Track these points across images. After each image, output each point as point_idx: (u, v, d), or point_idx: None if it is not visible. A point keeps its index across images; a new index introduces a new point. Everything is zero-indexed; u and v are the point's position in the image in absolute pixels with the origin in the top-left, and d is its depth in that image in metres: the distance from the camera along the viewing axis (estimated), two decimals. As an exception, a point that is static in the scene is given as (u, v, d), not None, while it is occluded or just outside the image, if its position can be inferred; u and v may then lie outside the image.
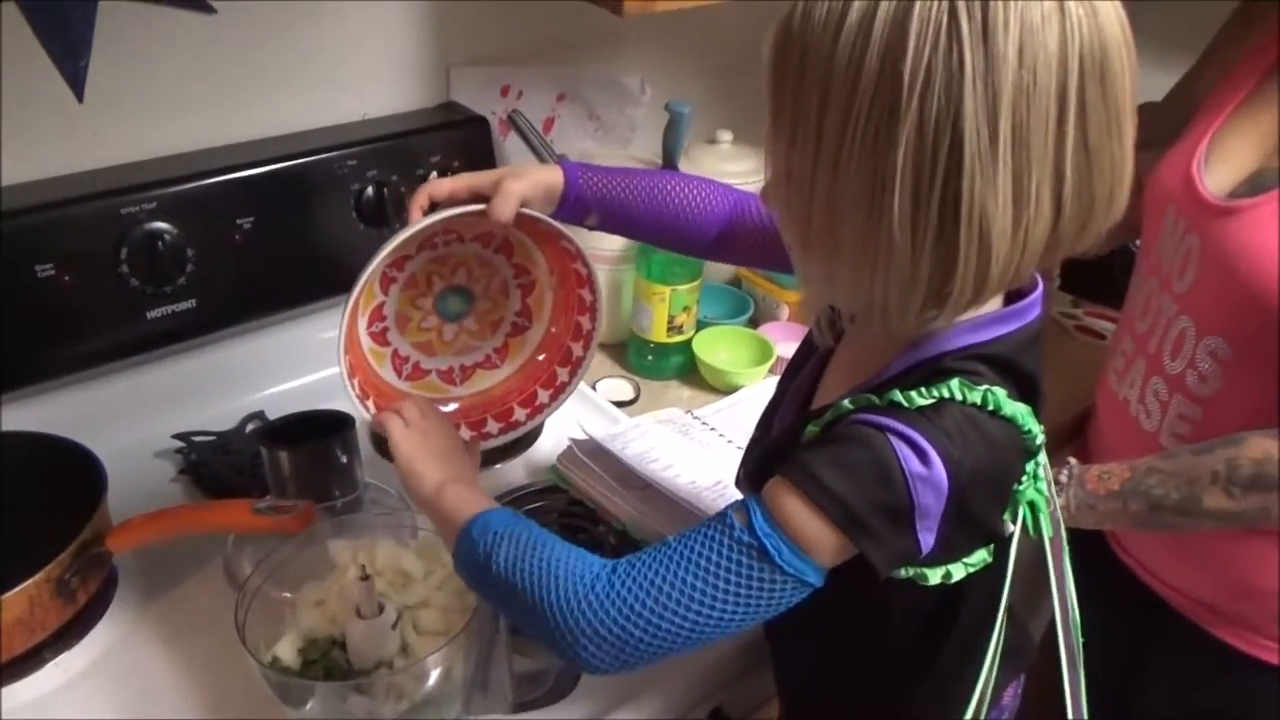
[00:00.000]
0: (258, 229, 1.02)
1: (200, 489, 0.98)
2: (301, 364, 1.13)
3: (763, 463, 0.66)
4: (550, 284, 0.91)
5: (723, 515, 0.60)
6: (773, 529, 0.57)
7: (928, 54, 0.48)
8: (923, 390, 0.56)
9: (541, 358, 0.93)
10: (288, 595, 0.76)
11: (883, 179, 0.50)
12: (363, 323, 0.87)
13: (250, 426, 1.05)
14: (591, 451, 0.99)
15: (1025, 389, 0.59)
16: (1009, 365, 0.59)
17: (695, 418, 1.11)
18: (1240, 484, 0.75)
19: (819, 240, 0.55)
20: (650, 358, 1.21)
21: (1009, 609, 0.64)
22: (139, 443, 1.01)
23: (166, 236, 0.96)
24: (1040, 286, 0.63)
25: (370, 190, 1.08)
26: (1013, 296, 0.61)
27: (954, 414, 0.56)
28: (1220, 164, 0.81)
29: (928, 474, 0.54)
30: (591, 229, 0.85)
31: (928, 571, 0.62)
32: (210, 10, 0.85)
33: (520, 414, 0.92)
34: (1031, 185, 0.50)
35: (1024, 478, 0.61)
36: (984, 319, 0.59)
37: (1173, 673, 0.94)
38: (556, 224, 0.82)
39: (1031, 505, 0.62)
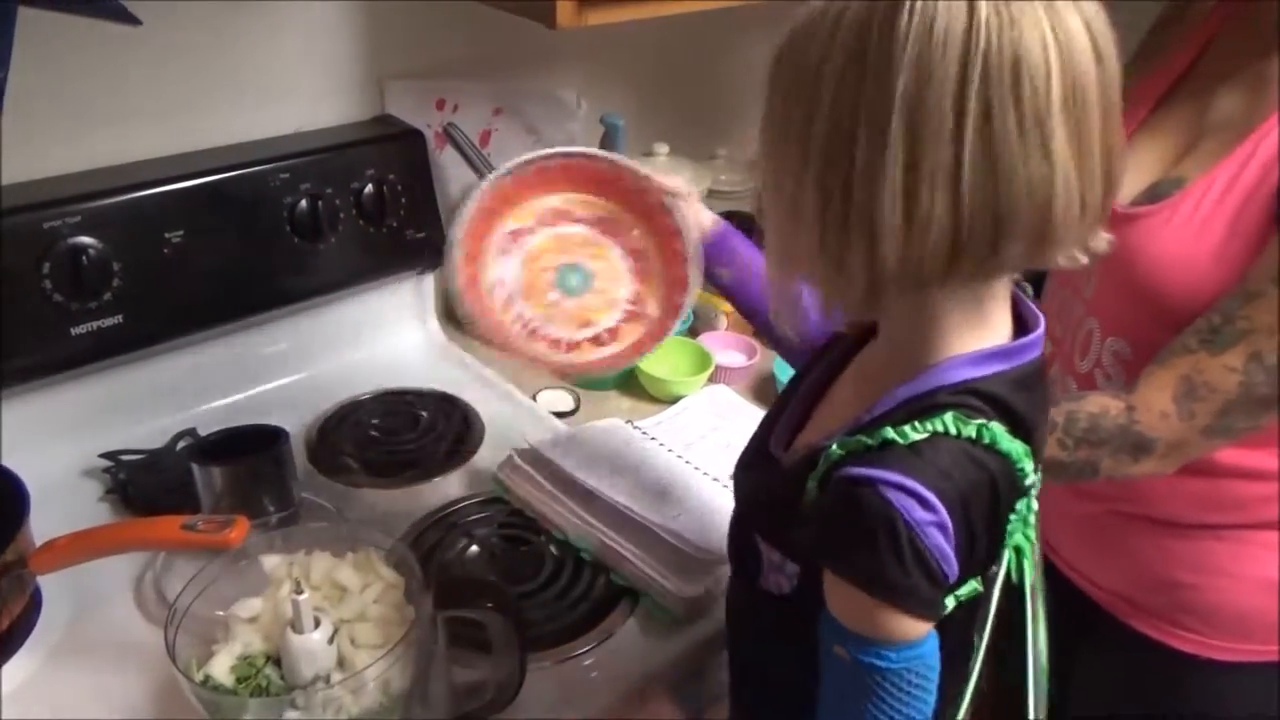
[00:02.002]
0: (187, 243, 1.00)
1: (129, 508, 0.96)
2: (235, 380, 1.11)
3: (766, 505, 0.68)
4: (659, 269, 0.90)
5: (829, 656, 0.58)
6: (862, 643, 0.56)
7: (841, 54, 0.51)
8: (916, 425, 0.55)
9: (640, 337, 0.90)
10: (221, 613, 0.75)
11: (799, 172, 0.53)
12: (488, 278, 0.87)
13: (182, 444, 1.03)
14: (533, 460, 0.99)
15: (1018, 429, 0.57)
16: (1001, 403, 0.57)
17: (637, 427, 1.12)
18: (1074, 436, 0.78)
19: (771, 234, 0.59)
20: (590, 368, 1.22)
21: (993, 650, 0.62)
22: (65, 462, 0.99)
23: (91, 251, 0.94)
24: (1042, 327, 0.61)
25: (304, 204, 1.07)
26: (1018, 334, 0.61)
27: (949, 449, 0.55)
28: (1129, 173, 0.85)
29: (933, 518, 0.53)
30: (716, 283, 0.87)
31: None
32: (135, 22, 0.84)
33: None
34: (923, 183, 0.50)
35: (1014, 517, 0.59)
36: (981, 354, 0.59)
37: (1098, 668, 0.97)
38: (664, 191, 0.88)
39: (1017, 550, 0.60)
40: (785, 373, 1.20)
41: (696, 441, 1.10)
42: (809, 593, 0.60)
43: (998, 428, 0.56)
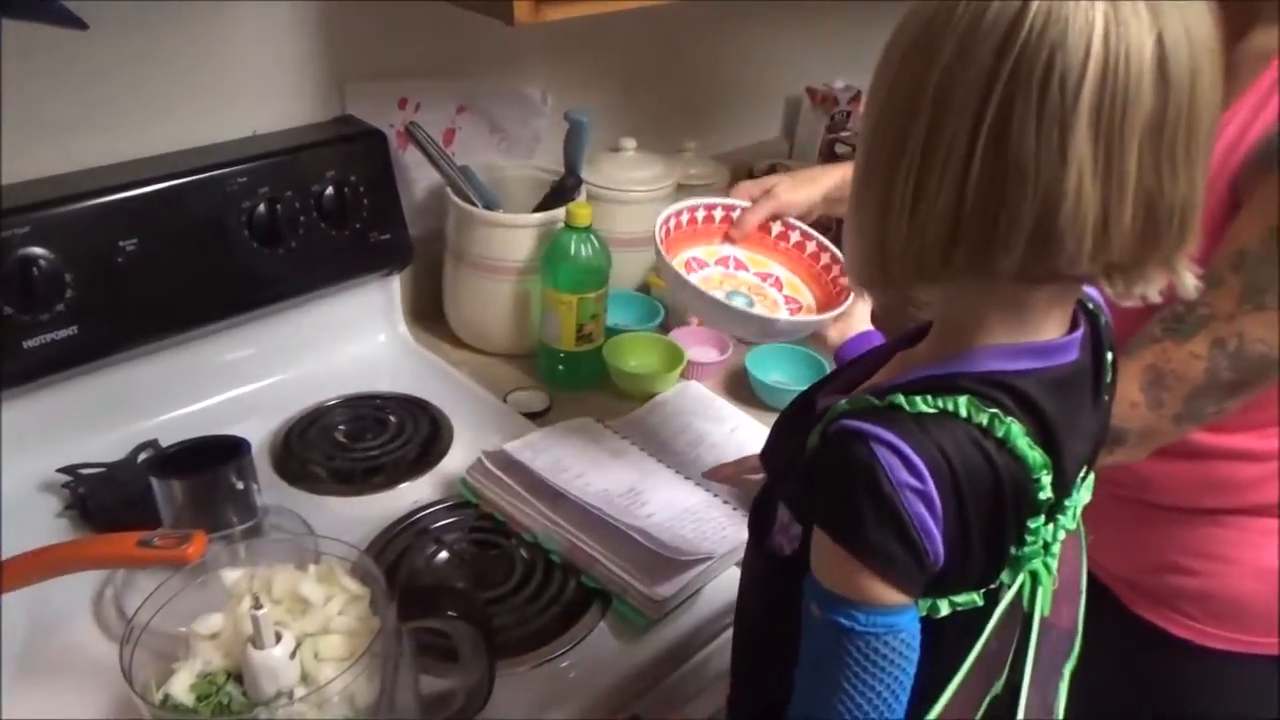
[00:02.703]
0: (142, 251, 0.98)
1: (89, 524, 0.94)
2: (197, 388, 1.09)
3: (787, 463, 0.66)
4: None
5: (807, 615, 0.58)
6: (834, 601, 0.55)
7: (914, 31, 0.52)
8: (928, 399, 0.54)
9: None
10: (181, 630, 0.73)
11: (864, 136, 0.56)
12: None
13: (142, 456, 1.01)
14: (502, 463, 0.98)
15: (1044, 435, 0.55)
16: (1029, 402, 0.55)
17: (608, 427, 1.11)
18: None
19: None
20: (561, 367, 1.20)
21: (983, 676, 0.60)
22: (21, 477, 0.96)
23: (42, 262, 0.92)
24: (1081, 330, 0.60)
25: (262, 207, 1.05)
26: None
27: (955, 430, 0.53)
28: None
29: (916, 484, 0.52)
30: None
31: (920, 601, 0.57)
32: (82, 26, 0.82)
33: None
34: (934, 167, 0.51)
35: (1030, 537, 0.57)
36: (1014, 348, 0.57)
37: (1100, 652, 0.97)
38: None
39: (1034, 576, 0.58)
40: (758, 368, 1.20)
41: (669, 440, 1.10)
42: (806, 555, 0.59)
43: (1016, 427, 0.54)
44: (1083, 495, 0.64)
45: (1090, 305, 0.64)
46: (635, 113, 1.47)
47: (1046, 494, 0.55)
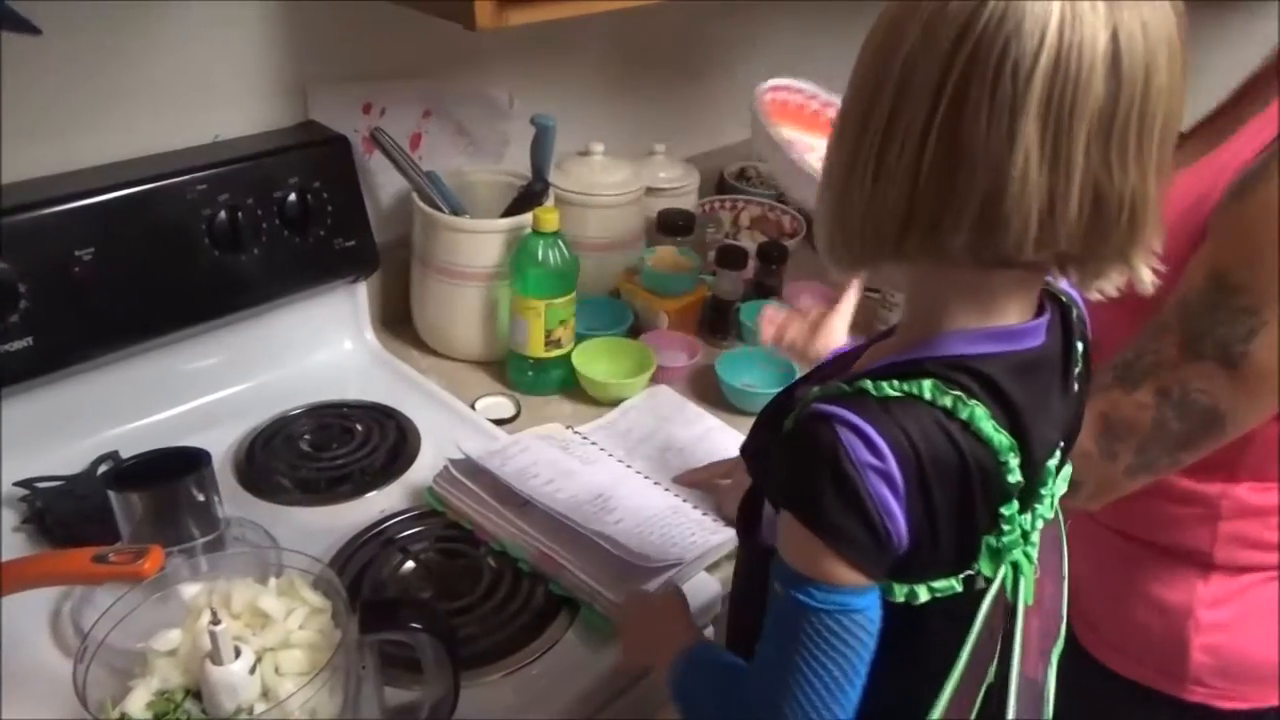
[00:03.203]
0: (100, 260, 0.96)
1: (47, 538, 0.92)
2: (158, 399, 1.08)
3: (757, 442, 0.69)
4: None
5: (770, 593, 0.59)
6: (795, 578, 0.57)
7: (890, 15, 0.54)
8: (894, 383, 0.55)
9: None
10: (139, 647, 0.72)
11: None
12: None
13: (102, 468, 0.99)
14: (469, 471, 0.97)
15: (1010, 419, 0.56)
16: (993, 386, 0.56)
17: (576, 433, 1.10)
18: None
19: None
20: (530, 373, 1.20)
21: (976, 671, 0.60)
22: (-24, 493, 0.94)
23: (-4, 272, 0.90)
24: (1047, 315, 0.60)
25: (224, 215, 1.03)
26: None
27: (920, 414, 0.54)
28: None
29: (878, 464, 0.53)
30: None
31: (897, 587, 0.58)
32: (35, 31, 0.81)
33: None
34: (894, 143, 0.53)
35: (1007, 526, 0.57)
36: (979, 332, 0.58)
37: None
38: None
39: (1015, 566, 0.58)
40: (728, 371, 1.19)
41: (637, 445, 1.09)
42: None
43: (980, 410, 0.55)
44: (1059, 486, 0.64)
45: (1064, 298, 0.64)
46: (603, 116, 1.46)
47: (1015, 477, 0.56)
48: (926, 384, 0.55)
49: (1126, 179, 0.52)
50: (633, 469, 1.04)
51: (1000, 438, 0.55)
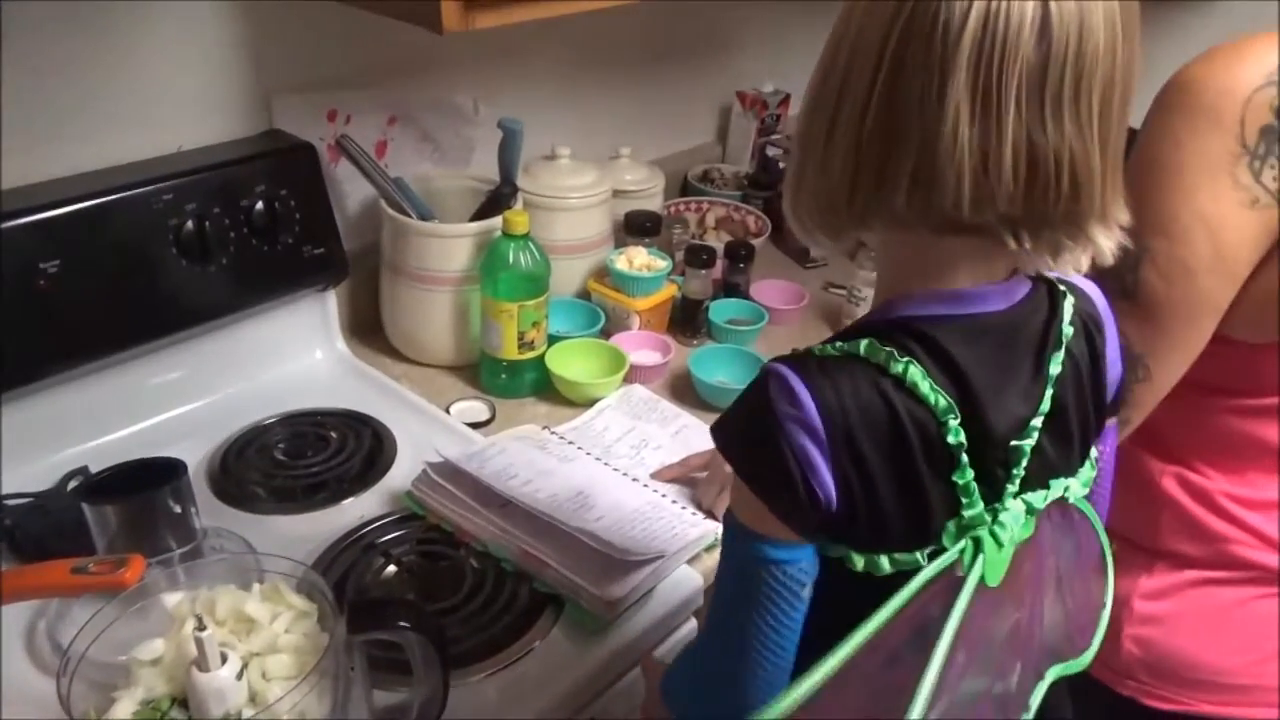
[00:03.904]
0: (65, 273, 0.95)
1: (17, 556, 0.90)
2: (128, 412, 1.06)
3: None
4: None
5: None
6: (730, 522, 0.61)
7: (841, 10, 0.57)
8: (837, 344, 0.58)
9: None
10: (121, 658, 0.71)
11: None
12: None
13: (72, 483, 0.98)
14: (448, 473, 0.97)
15: (956, 381, 0.56)
16: (934, 344, 0.57)
17: (553, 433, 1.11)
18: None
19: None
20: (504, 376, 1.20)
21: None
22: (-57, 513, 0.92)
23: (-42, 286, 0.88)
24: (1015, 286, 0.60)
25: (190, 224, 1.02)
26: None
27: (855, 372, 0.56)
28: None
29: (797, 415, 0.55)
30: None
31: (855, 555, 0.59)
32: (-8, 41, 0.80)
33: None
34: (844, 107, 0.55)
35: (966, 499, 0.57)
36: (923, 295, 0.59)
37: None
38: None
39: (977, 542, 0.58)
40: (701, 369, 1.21)
41: (614, 444, 1.10)
42: None
43: (915, 369, 0.56)
44: (1070, 484, 0.63)
45: (1062, 287, 0.64)
46: (567, 120, 1.47)
47: (955, 438, 0.56)
48: (863, 343, 0.57)
49: (1063, 138, 0.53)
50: (610, 467, 1.05)
51: (938, 397, 0.56)
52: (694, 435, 1.13)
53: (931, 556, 0.59)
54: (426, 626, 0.72)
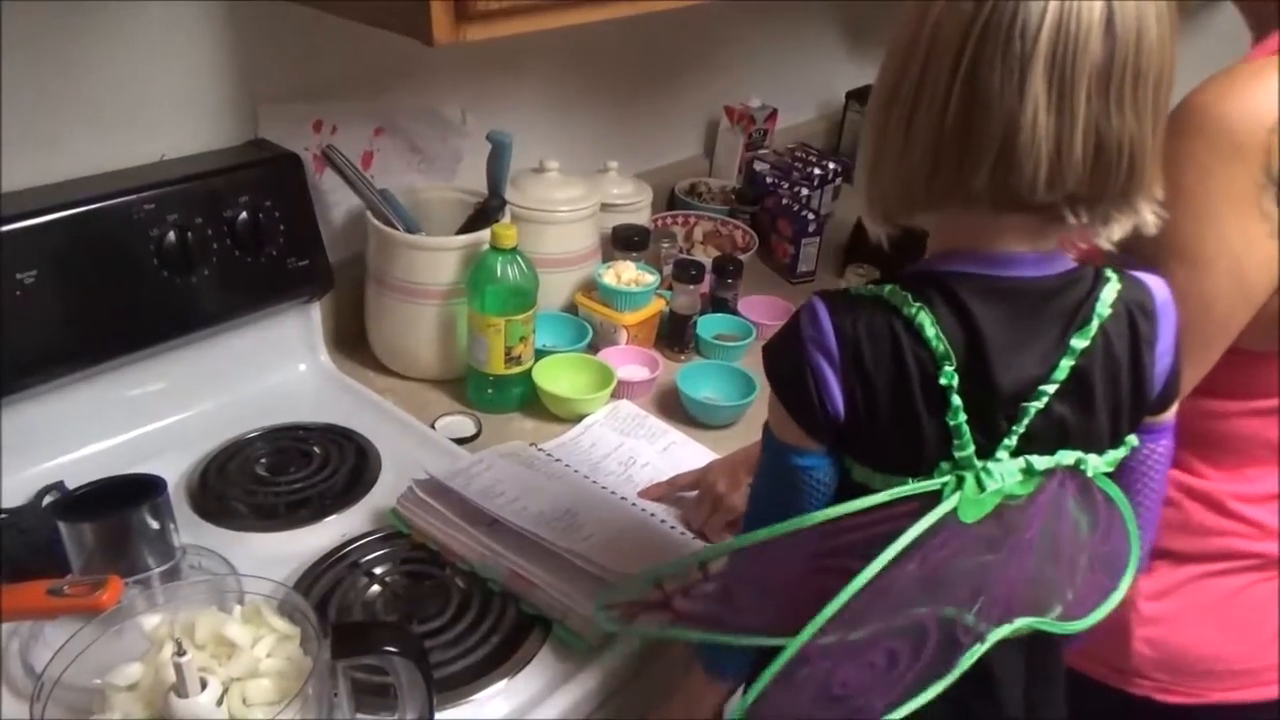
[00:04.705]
0: (42, 284, 0.93)
1: (-10, 574, 0.88)
2: (106, 425, 1.04)
3: None
4: None
5: None
6: (766, 429, 0.70)
7: (911, 5, 0.62)
8: (869, 286, 0.65)
9: None
10: (96, 683, 0.69)
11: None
12: None
13: (47, 499, 0.95)
14: (434, 491, 0.96)
15: (968, 333, 0.62)
16: (954, 300, 0.63)
17: (540, 450, 1.09)
18: None
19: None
20: (490, 391, 1.19)
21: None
22: (-88, 529, 0.90)
23: (-69, 297, 0.86)
24: (1056, 258, 0.65)
25: (172, 235, 1.01)
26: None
27: (875, 310, 0.63)
28: None
29: (815, 335, 0.64)
30: None
31: (856, 466, 0.67)
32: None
33: None
34: (923, 101, 0.60)
35: (959, 441, 0.63)
36: (958, 252, 0.65)
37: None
38: None
39: (960, 480, 0.63)
40: (689, 384, 1.20)
41: (601, 460, 1.09)
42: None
43: (925, 316, 0.62)
44: (1088, 458, 0.66)
45: (1112, 274, 0.66)
46: (555, 132, 1.46)
47: (948, 381, 0.62)
48: (887, 288, 0.64)
49: (1124, 125, 0.59)
50: (598, 484, 1.03)
51: (939, 344, 0.62)
52: (682, 452, 1.12)
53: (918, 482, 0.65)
54: (412, 651, 0.70)
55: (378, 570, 0.92)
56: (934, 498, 0.64)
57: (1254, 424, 0.84)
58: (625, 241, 1.36)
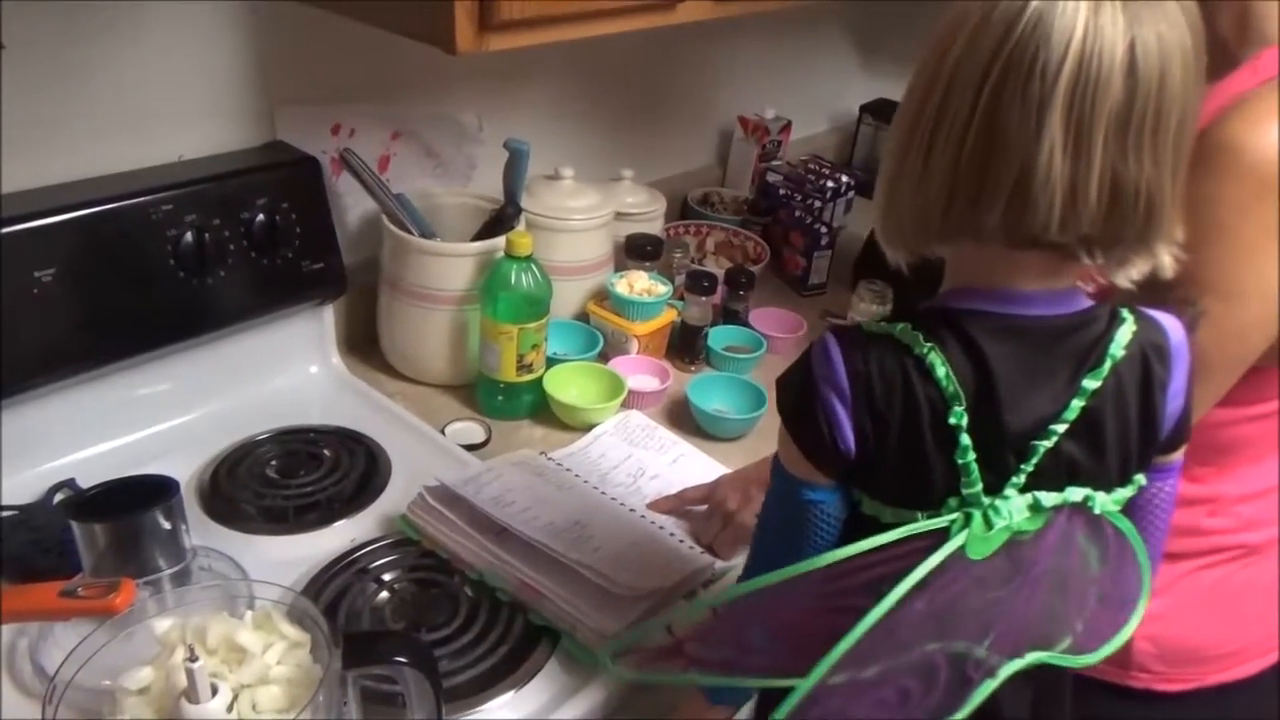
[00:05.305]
0: (60, 282, 0.93)
1: (0, 572, 0.88)
2: (118, 424, 1.04)
3: None
4: None
5: None
6: (776, 463, 0.70)
7: (945, 25, 0.61)
8: (881, 324, 0.65)
9: None
10: (107, 684, 0.69)
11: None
12: None
13: (59, 496, 0.96)
14: (444, 498, 0.96)
15: (978, 371, 0.62)
16: (966, 339, 0.62)
17: (550, 460, 1.09)
18: None
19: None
20: (501, 398, 1.19)
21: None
22: (-77, 524, 0.90)
23: (-50, 293, 0.86)
24: (1071, 298, 0.65)
25: (189, 236, 1.01)
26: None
27: (886, 348, 0.63)
28: None
29: (827, 373, 0.64)
30: None
31: (866, 499, 0.67)
32: (-4, 45, 0.78)
33: None
34: (941, 135, 0.60)
35: (966, 479, 0.62)
36: (971, 289, 0.65)
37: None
38: None
39: (968, 517, 0.63)
40: (699, 395, 1.20)
41: (611, 471, 1.09)
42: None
43: (936, 356, 0.62)
44: (1097, 496, 0.65)
45: (1128, 314, 0.66)
46: (570, 140, 1.47)
47: (957, 420, 0.62)
48: (899, 326, 0.64)
49: (1142, 170, 0.58)
50: (607, 495, 1.03)
51: (949, 385, 0.62)
52: (691, 464, 1.12)
53: (928, 519, 0.64)
54: (423, 661, 0.70)
55: (387, 576, 0.92)
56: (942, 535, 0.63)
57: (1251, 429, 0.86)
58: (638, 251, 1.36)
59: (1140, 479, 0.69)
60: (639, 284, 1.30)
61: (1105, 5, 0.56)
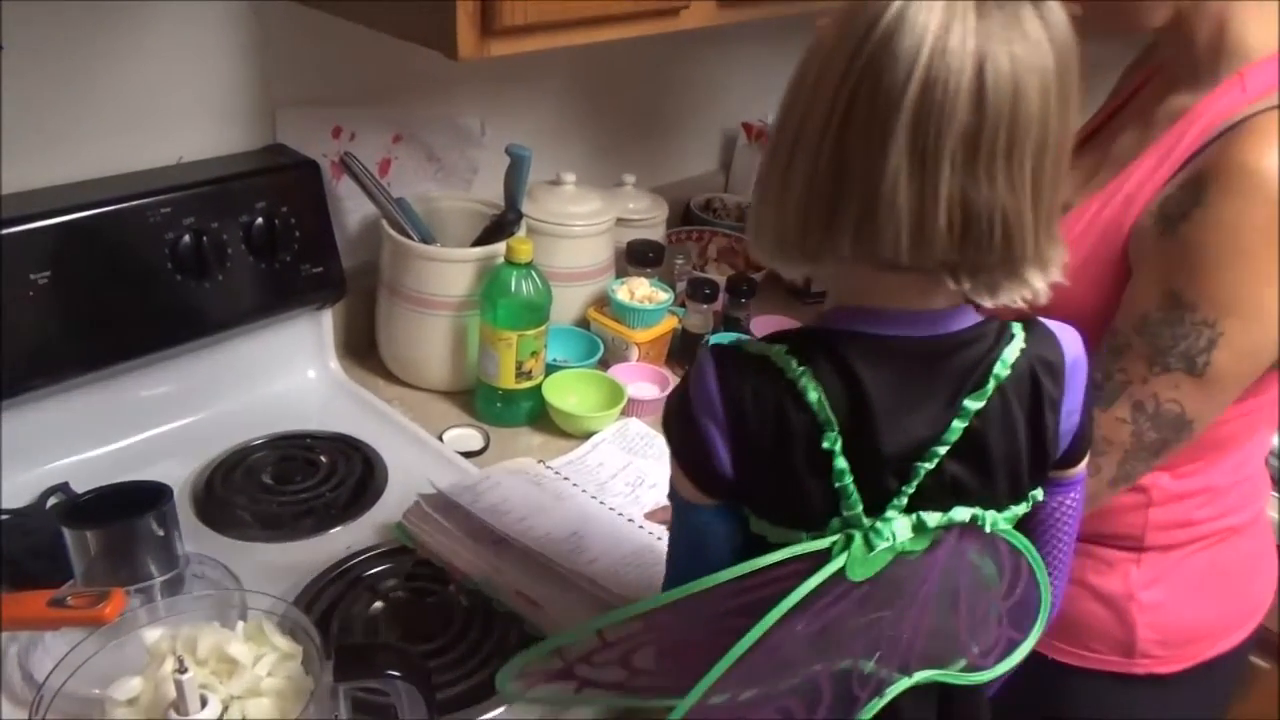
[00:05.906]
0: (56, 284, 0.92)
1: (-9, 576, 0.88)
2: (113, 427, 1.04)
3: None
4: None
5: None
6: (670, 484, 0.69)
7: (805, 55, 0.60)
8: (758, 343, 0.64)
9: None
10: (95, 693, 0.68)
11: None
12: None
13: (52, 500, 0.95)
14: (441, 506, 0.95)
15: (851, 393, 0.60)
16: (841, 362, 0.61)
17: (548, 468, 1.09)
18: None
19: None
20: (499, 405, 1.18)
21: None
22: (-85, 527, 0.89)
23: (-55, 295, 0.86)
24: (947, 313, 0.63)
25: (188, 238, 1.00)
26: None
27: (762, 371, 0.62)
28: None
29: (702, 398, 0.62)
30: None
31: (752, 518, 0.66)
32: (-6, 46, 0.78)
33: None
34: (798, 155, 0.58)
35: (846, 503, 0.61)
36: (848, 309, 0.64)
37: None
38: None
39: (849, 539, 0.61)
40: (698, 404, 1.19)
41: (609, 480, 1.08)
42: None
43: (809, 380, 0.60)
44: (987, 515, 0.64)
45: (1018, 331, 0.65)
46: (572, 145, 1.46)
47: (830, 445, 0.61)
48: (774, 348, 0.63)
49: (995, 195, 0.56)
50: (605, 505, 1.03)
51: (822, 411, 0.61)
52: (690, 474, 1.11)
53: (812, 539, 0.63)
54: (416, 675, 0.69)
55: (381, 585, 0.91)
56: (823, 556, 0.62)
57: (1239, 424, 0.87)
58: (640, 257, 1.35)
59: (1037, 494, 0.67)
60: (640, 291, 1.30)
61: (956, 26, 0.53)
